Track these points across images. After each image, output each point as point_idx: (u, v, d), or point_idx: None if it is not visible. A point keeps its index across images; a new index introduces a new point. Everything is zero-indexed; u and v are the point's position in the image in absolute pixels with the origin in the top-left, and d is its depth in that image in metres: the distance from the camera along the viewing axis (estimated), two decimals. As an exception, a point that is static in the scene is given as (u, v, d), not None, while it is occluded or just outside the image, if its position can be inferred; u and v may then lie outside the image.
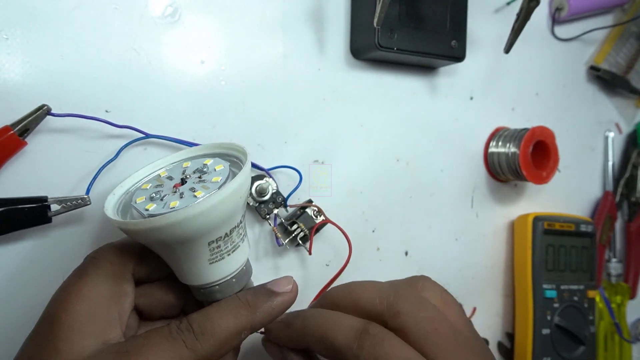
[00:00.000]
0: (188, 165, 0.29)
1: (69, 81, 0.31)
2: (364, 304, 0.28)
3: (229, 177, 0.27)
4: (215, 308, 0.26)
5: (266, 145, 0.38)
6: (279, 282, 0.28)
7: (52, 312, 0.24)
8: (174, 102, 0.34)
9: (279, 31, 0.39)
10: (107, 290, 0.25)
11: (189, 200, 0.25)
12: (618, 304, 0.58)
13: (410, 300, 0.27)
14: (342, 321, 0.27)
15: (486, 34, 0.49)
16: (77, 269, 0.26)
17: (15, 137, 0.28)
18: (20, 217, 0.28)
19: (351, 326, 0.26)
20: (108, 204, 0.27)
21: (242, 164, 0.28)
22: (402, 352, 0.25)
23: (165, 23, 0.34)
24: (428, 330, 0.25)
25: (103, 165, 0.31)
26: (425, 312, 0.26)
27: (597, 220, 0.57)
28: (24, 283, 0.30)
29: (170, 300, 0.29)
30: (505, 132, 0.49)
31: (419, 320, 0.26)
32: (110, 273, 0.26)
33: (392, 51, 0.39)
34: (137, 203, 0.26)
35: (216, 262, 0.26)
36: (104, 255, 0.26)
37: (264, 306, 0.27)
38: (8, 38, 0.30)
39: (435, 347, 0.25)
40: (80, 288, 0.25)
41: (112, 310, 0.25)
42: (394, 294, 0.27)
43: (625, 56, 0.59)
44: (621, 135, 0.61)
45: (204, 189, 0.26)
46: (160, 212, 0.24)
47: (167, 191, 0.27)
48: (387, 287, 0.28)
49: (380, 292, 0.27)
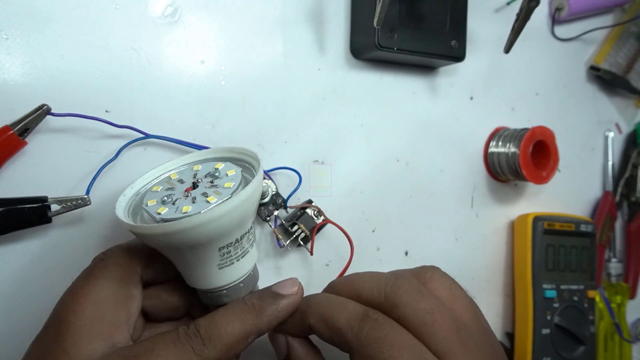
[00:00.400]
0: (199, 169, 0.29)
1: (69, 81, 0.31)
2: (363, 295, 0.28)
3: (241, 183, 0.27)
4: (222, 313, 0.26)
5: (266, 145, 0.38)
6: (284, 285, 0.28)
7: (60, 314, 0.24)
8: (174, 102, 0.34)
9: (279, 31, 0.39)
10: (115, 293, 0.25)
11: (202, 205, 0.25)
12: (618, 304, 0.58)
13: (408, 291, 0.26)
14: (346, 304, 0.27)
15: (486, 34, 0.49)
16: (85, 272, 0.26)
17: (15, 136, 0.28)
18: (21, 217, 0.28)
19: (354, 309, 0.26)
20: (119, 205, 0.26)
21: (254, 169, 0.28)
22: (402, 337, 0.25)
23: (165, 23, 0.34)
24: (427, 321, 0.25)
25: (103, 165, 0.31)
26: (425, 304, 0.26)
27: (597, 220, 0.57)
28: (24, 283, 0.30)
29: (176, 302, 0.29)
30: (505, 132, 0.49)
31: (417, 311, 0.25)
32: (119, 276, 0.26)
33: (392, 51, 0.39)
34: (149, 206, 0.26)
35: (225, 267, 0.26)
36: (112, 257, 0.26)
37: (270, 309, 0.27)
38: (8, 38, 0.30)
39: (435, 339, 0.25)
40: (88, 291, 0.25)
41: (120, 313, 0.25)
42: (392, 285, 0.27)
43: (625, 56, 0.59)
44: (621, 135, 0.61)
45: (217, 194, 0.26)
46: (173, 216, 0.24)
47: (178, 195, 0.27)
48: (387, 278, 0.28)
49: (379, 283, 0.27)
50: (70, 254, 0.31)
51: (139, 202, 0.28)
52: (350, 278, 0.29)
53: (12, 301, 0.30)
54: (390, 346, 0.24)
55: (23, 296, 0.30)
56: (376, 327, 0.25)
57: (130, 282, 0.26)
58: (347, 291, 0.29)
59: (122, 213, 0.26)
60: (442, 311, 0.26)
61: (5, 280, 0.30)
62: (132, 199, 0.28)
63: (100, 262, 0.26)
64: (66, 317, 0.24)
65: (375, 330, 0.25)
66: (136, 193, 0.28)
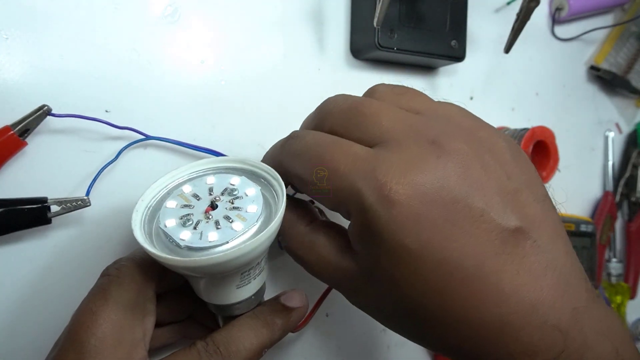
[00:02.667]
0: (213, 183, 0.27)
1: (69, 81, 0.31)
2: (303, 127, 0.30)
3: (263, 207, 0.26)
4: (238, 328, 0.26)
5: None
6: (293, 297, 0.28)
7: (80, 336, 0.23)
8: (174, 102, 0.34)
9: (279, 31, 0.38)
10: (133, 311, 0.25)
11: (228, 233, 0.24)
12: (618, 304, 0.58)
13: (332, 101, 0.27)
14: (277, 141, 0.29)
15: (486, 34, 0.49)
16: (100, 288, 0.25)
17: (16, 137, 0.28)
18: (20, 218, 0.28)
19: (281, 140, 0.29)
20: (135, 224, 0.25)
21: (271, 187, 0.27)
22: (320, 137, 0.25)
23: (165, 23, 0.34)
24: (348, 116, 0.25)
25: (103, 166, 0.31)
26: (347, 104, 0.26)
27: (597, 220, 0.57)
28: (24, 284, 0.30)
29: (182, 308, 0.30)
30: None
31: (339, 115, 0.26)
32: (135, 293, 0.25)
33: (392, 51, 0.39)
34: (168, 228, 0.24)
35: (243, 287, 0.27)
36: (127, 274, 0.25)
37: (282, 323, 0.28)
38: (8, 38, 0.30)
39: (359, 131, 0.25)
40: (106, 311, 0.24)
41: (137, 331, 0.25)
42: (322, 103, 0.28)
43: (626, 56, 0.59)
44: (621, 135, 0.61)
45: (241, 220, 0.25)
46: (199, 244, 0.23)
47: (198, 216, 0.25)
48: (321, 105, 0.28)
49: (313, 111, 0.29)
50: (70, 255, 0.31)
51: (151, 217, 0.26)
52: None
53: (11, 302, 0.30)
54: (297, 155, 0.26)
55: (22, 296, 0.30)
56: (293, 142, 0.27)
57: (146, 298, 0.26)
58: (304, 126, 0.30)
59: (140, 233, 0.24)
60: (372, 102, 0.25)
61: (4, 280, 0.30)
62: (144, 214, 0.27)
63: (116, 279, 0.25)
64: (86, 340, 0.23)
65: (292, 145, 0.26)
66: (147, 207, 0.27)
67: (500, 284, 0.21)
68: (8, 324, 0.30)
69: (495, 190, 0.22)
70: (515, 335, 0.20)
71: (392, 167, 0.22)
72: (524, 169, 0.24)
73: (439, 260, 0.21)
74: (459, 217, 0.21)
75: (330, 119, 0.26)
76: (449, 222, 0.21)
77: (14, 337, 0.30)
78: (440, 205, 0.21)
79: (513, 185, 0.23)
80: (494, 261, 0.21)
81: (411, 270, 0.21)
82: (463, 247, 0.21)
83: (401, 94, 0.27)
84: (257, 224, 0.25)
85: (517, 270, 0.21)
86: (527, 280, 0.21)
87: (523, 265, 0.21)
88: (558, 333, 0.20)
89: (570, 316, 0.21)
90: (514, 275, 0.21)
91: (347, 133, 0.25)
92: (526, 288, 0.21)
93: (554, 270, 0.21)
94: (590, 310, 0.22)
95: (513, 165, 0.24)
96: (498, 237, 0.21)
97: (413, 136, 0.23)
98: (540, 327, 0.20)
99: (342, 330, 0.41)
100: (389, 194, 0.21)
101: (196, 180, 0.28)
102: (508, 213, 0.22)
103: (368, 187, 0.22)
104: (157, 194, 0.27)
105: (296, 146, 0.26)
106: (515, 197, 0.22)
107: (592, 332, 0.21)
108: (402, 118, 0.24)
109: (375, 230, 0.22)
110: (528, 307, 0.20)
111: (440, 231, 0.21)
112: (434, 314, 0.22)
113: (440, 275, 0.21)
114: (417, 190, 0.21)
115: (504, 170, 0.23)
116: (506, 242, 0.21)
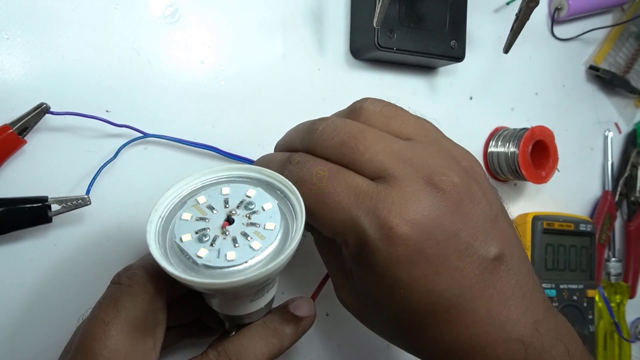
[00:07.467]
0: (229, 194, 0.26)
1: (69, 81, 0.31)
2: (291, 146, 0.29)
3: (280, 222, 0.25)
4: (249, 338, 0.26)
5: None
6: (302, 306, 0.28)
7: (92, 347, 0.23)
8: (174, 102, 0.34)
9: (279, 31, 0.39)
10: (144, 322, 0.24)
11: (246, 252, 0.23)
12: (617, 303, 0.58)
13: (325, 130, 0.27)
14: (273, 158, 0.29)
15: (485, 34, 0.49)
16: (112, 298, 0.24)
17: (15, 135, 0.28)
18: (21, 217, 0.28)
19: (278, 159, 0.28)
20: (149, 239, 0.23)
21: (288, 201, 0.26)
22: (320, 167, 0.25)
23: (165, 23, 0.34)
24: (344, 151, 0.25)
25: (103, 165, 0.31)
26: (340, 136, 0.26)
27: (596, 220, 0.57)
28: (25, 283, 0.30)
29: (189, 312, 0.30)
30: (504, 131, 0.49)
31: (333, 146, 0.26)
32: (147, 304, 0.25)
33: (392, 51, 0.39)
34: (184, 243, 0.23)
35: (256, 300, 0.27)
36: (139, 282, 0.25)
37: (291, 332, 0.28)
38: (8, 38, 0.30)
39: (360, 163, 0.25)
40: (119, 323, 0.23)
41: (149, 341, 0.25)
42: (309, 128, 0.27)
43: (625, 56, 0.59)
44: (620, 135, 0.61)
45: (259, 237, 0.24)
46: (217, 264, 0.23)
47: (215, 231, 0.24)
48: (307, 124, 0.28)
49: (300, 129, 0.28)
50: (70, 254, 0.31)
51: (165, 229, 0.25)
52: (285, 135, 0.31)
53: (13, 301, 0.30)
54: (303, 183, 0.25)
55: (22, 296, 0.30)
56: (296, 168, 0.26)
57: (157, 308, 0.25)
58: (279, 147, 0.30)
59: (156, 248, 0.23)
60: (364, 133, 0.26)
61: (5, 280, 0.30)
62: (158, 226, 0.25)
63: (128, 288, 0.25)
64: (99, 352, 0.23)
65: (294, 172, 0.26)
66: (160, 217, 0.25)
67: (476, 309, 0.23)
68: (9, 323, 0.30)
69: (480, 222, 0.24)
70: (481, 350, 0.23)
71: (394, 205, 0.23)
72: (494, 192, 0.27)
73: (426, 292, 0.23)
74: (449, 252, 0.23)
75: (323, 151, 0.26)
76: (440, 257, 0.23)
77: (15, 336, 0.30)
78: (434, 244, 0.23)
79: (493, 212, 0.25)
80: (474, 289, 0.23)
81: (398, 297, 0.24)
82: (447, 280, 0.23)
83: (391, 117, 0.27)
84: (275, 242, 0.24)
85: (491, 294, 0.24)
86: (498, 302, 0.24)
87: (496, 288, 0.24)
88: (520, 344, 0.23)
89: (531, 329, 0.24)
90: (488, 300, 0.24)
91: (343, 165, 0.26)
92: (498, 309, 0.24)
93: (520, 289, 0.24)
94: (547, 320, 0.25)
95: (489, 190, 0.27)
96: (479, 267, 0.24)
97: (410, 172, 0.24)
98: (506, 341, 0.23)
99: (342, 330, 0.41)
100: (390, 233, 0.23)
101: (211, 189, 0.26)
102: (489, 242, 0.24)
103: (370, 223, 0.23)
104: (169, 203, 0.26)
105: (297, 173, 0.26)
106: (495, 225, 0.25)
107: (548, 338, 0.24)
108: (397, 151, 0.25)
109: (372, 261, 0.24)
110: (497, 326, 0.23)
111: (431, 266, 0.23)
112: (415, 333, 0.25)
113: (425, 304, 0.23)
114: (415, 229, 0.23)
115: (486, 199, 0.26)
116: (485, 270, 0.24)
